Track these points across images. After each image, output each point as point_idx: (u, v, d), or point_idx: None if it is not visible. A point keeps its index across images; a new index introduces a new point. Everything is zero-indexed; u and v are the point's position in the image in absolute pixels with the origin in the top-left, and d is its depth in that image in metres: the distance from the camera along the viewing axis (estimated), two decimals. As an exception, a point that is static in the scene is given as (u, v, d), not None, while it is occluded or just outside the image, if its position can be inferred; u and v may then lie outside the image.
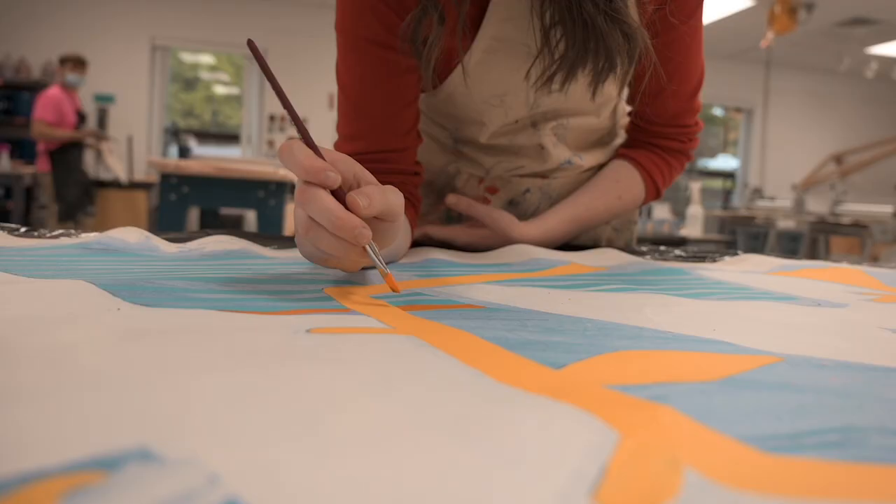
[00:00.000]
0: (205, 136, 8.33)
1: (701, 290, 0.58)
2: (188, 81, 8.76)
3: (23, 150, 6.82)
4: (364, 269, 0.59)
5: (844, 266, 0.82)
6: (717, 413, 0.24)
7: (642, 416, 0.24)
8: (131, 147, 6.64)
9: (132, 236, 0.65)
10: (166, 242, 0.65)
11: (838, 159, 9.56)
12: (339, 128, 0.80)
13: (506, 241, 0.79)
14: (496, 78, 0.79)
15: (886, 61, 8.33)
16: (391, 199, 0.50)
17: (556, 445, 0.21)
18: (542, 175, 0.92)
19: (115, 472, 0.17)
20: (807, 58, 8.78)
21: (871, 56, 8.20)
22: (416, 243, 0.80)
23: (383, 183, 0.53)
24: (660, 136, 0.91)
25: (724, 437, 0.22)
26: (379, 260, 0.46)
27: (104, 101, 7.21)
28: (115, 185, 5.78)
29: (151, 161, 3.76)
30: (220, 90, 8.95)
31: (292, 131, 7.75)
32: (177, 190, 3.56)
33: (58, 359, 0.26)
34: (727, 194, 9.22)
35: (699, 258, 0.86)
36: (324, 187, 0.45)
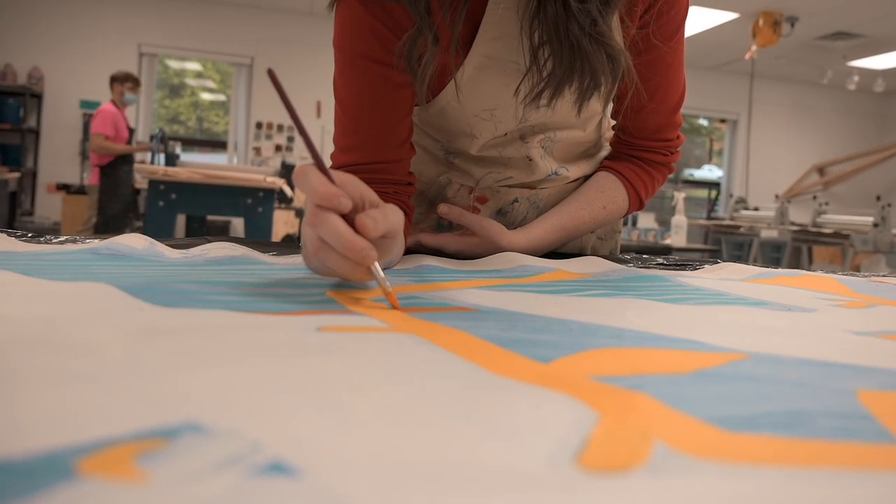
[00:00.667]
0: (190, 143, 8.31)
1: (680, 296, 0.62)
2: (173, 88, 8.73)
3: (7, 155, 6.80)
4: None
5: (818, 274, 0.86)
6: (686, 399, 0.28)
7: (620, 401, 0.27)
8: (118, 154, 6.63)
9: (138, 242, 0.68)
10: (169, 248, 0.68)
11: (821, 170, 9.69)
12: (337, 139, 0.83)
13: (494, 248, 0.83)
14: (487, 93, 0.82)
15: (868, 74, 8.47)
16: (393, 219, 0.54)
17: (544, 422, 0.24)
18: (530, 186, 0.95)
19: (175, 439, 0.20)
20: (790, 70, 8.91)
21: (852, 69, 8.33)
22: (410, 250, 0.84)
23: (378, 192, 0.57)
24: (643, 150, 0.95)
25: (689, 418, 0.25)
26: (383, 279, 0.49)
27: (90, 107, 7.19)
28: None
29: (140, 168, 3.77)
30: (206, 97, 8.94)
31: (278, 139, 7.76)
32: (165, 197, 3.57)
33: (100, 350, 0.29)
34: (712, 204, 9.32)
35: (680, 266, 0.90)
36: (336, 212, 0.48)
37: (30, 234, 0.75)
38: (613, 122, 0.97)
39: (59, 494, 0.16)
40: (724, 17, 6.85)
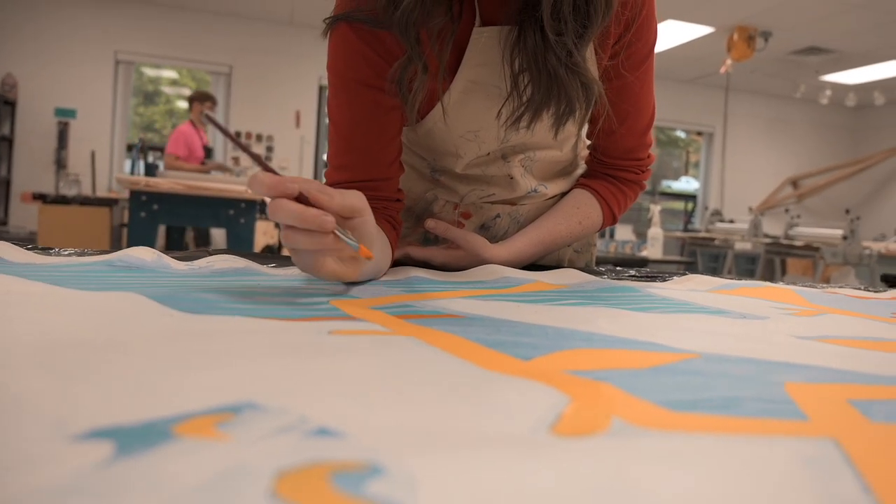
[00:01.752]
0: (161, 151, 8.25)
1: (647, 305, 0.68)
2: (148, 95, 8.68)
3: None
4: (355, 283, 0.68)
5: (777, 286, 0.92)
6: (641, 388, 0.34)
7: (587, 389, 0.33)
8: (94, 162, 6.61)
9: (147, 255, 0.73)
10: (175, 261, 0.74)
11: (795, 183, 9.88)
12: (330, 158, 0.89)
13: (478, 261, 0.89)
14: (471, 116, 0.89)
15: (840, 88, 8.67)
16: (350, 196, 0.60)
17: (526, 404, 0.30)
18: (511, 202, 1.02)
19: (239, 414, 0.26)
20: (764, 84, 9.10)
21: (825, 83, 8.53)
22: (399, 262, 0.89)
23: (371, 208, 0.63)
24: (615, 168, 1.02)
25: (642, 401, 0.31)
26: (349, 238, 0.56)
27: (65, 115, 7.16)
28: (79, 201, 5.74)
29: (122, 179, 3.78)
30: (182, 105, 8.91)
31: (257, 148, 7.75)
32: (147, 207, 3.59)
33: (155, 347, 0.35)
34: (688, 216, 9.46)
35: (650, 278, 0.96)
36: (286, 197, 0.54)
37: (38, 247, 0.80)
38: (589, 143, 1.04)
39: (166, 448, 0.22)
40: (700, 31, 7.00)
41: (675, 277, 0.97)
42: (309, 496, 0.19)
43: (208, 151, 5.81)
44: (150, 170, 4.88)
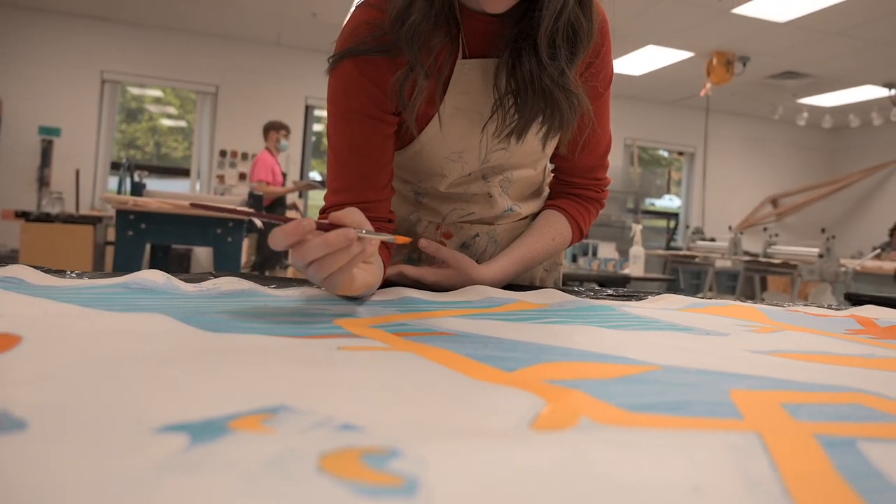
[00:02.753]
0: (149, 170, 8.25)
1: (620, 323, 0.74)
2: (130, 112, 8.67)
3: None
4: (356, 298, 0.74)
5: (742, 304, 0.99)
6: (607, 394, 0.40)
7: (561, 394, 0.39)
8: (78, 181, 6.62)
9: (158, 278, 0.78)
10: (184, 283, 0.79)
11: (774, 201, 10.05)
12: (329, 182, 0.98)
13: (466, 279, 0.96)
14: (456, 138, 0.98)
15: (816, 111, 8.86)
16: (354, 213, 0.70)
17: (510, 406, 0.36)
18: (489, 222, 1.12)
19: (278, 414, 0.32)
20: (743, 106, 9.28)
21: (802, 106, 8.71)
22: (391, 283, 0.96)
23: None
24: (579, 188, 1.14)
25: (607, 404, 0.38)
26: (376, 234, 0.64)
27: (49, 133, 7.16)
28: (63, 218, 5.74)
29: (109, 198, 3.81)
30: (165, 122, 8.92)
31: (242, 167, 7.78)
32: (134, 226, 3.62)
33: (195, 361, 0.41)
34: (671, 233, 9.58)
35: (626, 297, 1.03)
36: (305, 235, 0.62)
37: (52, 270, 0.85)
38: (552, 167, 1.16)
39: (228, 438, 0.28)
40: (680, 55, 7.16)
41: (650, 297, 1.04)
42: (348, 471, 0.25)
43: (284, 176, 6.23)
44: (137, 188, 4.90)
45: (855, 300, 1.28)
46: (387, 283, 0.93)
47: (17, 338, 0.42)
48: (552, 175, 1.17)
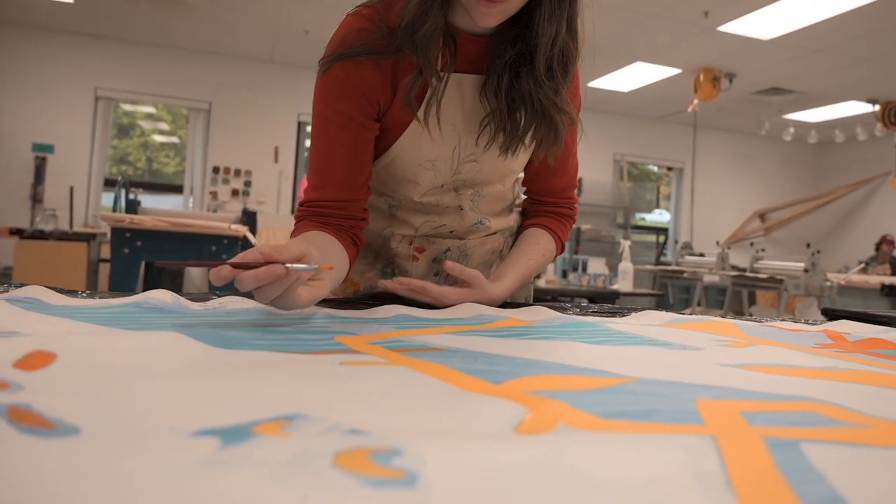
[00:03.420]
0: (142, 186, 8.26)
1: (603, 339, 0.79)
2: (122, 128, 8.68)
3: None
4: (354, 320, 0.79)
5: (720, 320, 1.04)
6: (583, 403, 0.45)
7: (542, 404, 0.44)
8: (72, 198, 6.65)
9: (166, 297, 0.83)
10: (191, 302, 0.84)
11: (762, 216, 10.17)
12: (310, 178, 1.05)
13: (483, 296, 1.03)
14: (430, 147, 1.05)
15: (802, 126, 8.99)
16: (294, 245, 0.75)
17: (496, 414, 0.41)
18: (460, 236, 1.19)
19: (293, 421, 0.36)
20: (730, 121, 9.41)
21: (788, 121, 8.84)
22: (392, 298, 1.00)
23: (336, 225, 0.92)
24: (554, 206, 1.24)
25: (583, 412, 0.42)
26: (301, 266, 0.71)
27: (43, 150, 7.19)
28: (57, 236, 5.76)
29: (106, 216, 3.85)
30: (158, 138, 8.94)
31: (235, 183, 7.83)
32: (130, 244, 3.65)
33: (209, 375, 0.45)
34: (661, 248, 9.67)
35: (611, 313, 1.08)
36: (231, 274, 0.67)
37: (64, 290, 0.90)
38: (524, 189, 1.27)
39: (253, 441, 0.32)
40: (668, 72, 7.27)
41: (633, 313, 1.09)
42: (358, 466, 0.29)
43: None
44: (132, 206, 4.93)
45: (831, 315, 1.33)
46: (387, 302, 0.98)
47: (53, 355, 0.47)
48: (526, 197, 1.27)
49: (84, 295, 0.88)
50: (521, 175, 1.23)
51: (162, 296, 0.83)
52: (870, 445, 0.39)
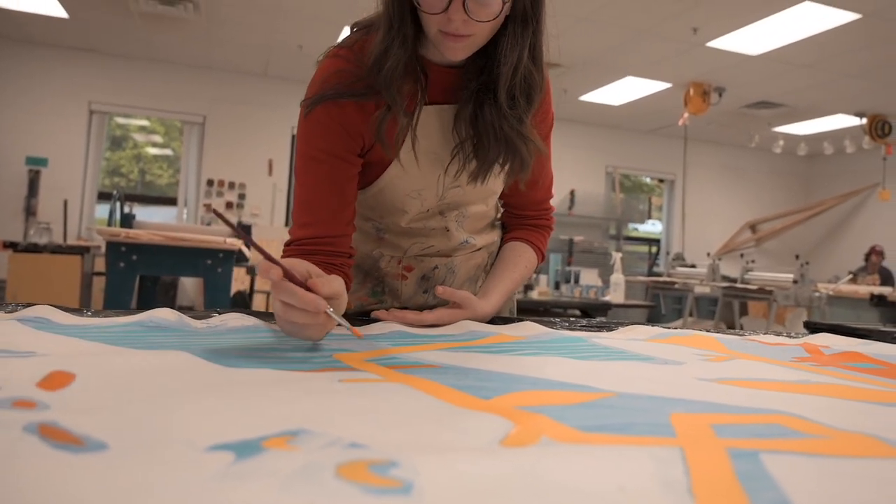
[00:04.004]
0: (134, 199, 8.28)
1: (589, 354, 0.83)
2: (115, 140, 8.68)
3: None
4: (348, 337, 0.82)
5: (702, 334, 1.08)
6: (565, 417, 0.49)
7: (528, 418, 0.48)
8: (66, 211, 6.67)
9: (170, 316, 0.86)
10: (193, 320, 0.87)
11: (753, 227, 10.25)
12: (296, 217, 1.07)
13: (474, 314, 1.06)
14: (417, 177, 1.09)
15: (791, 139, 9.08)
16: (336, 285, 0.78)
17: (484, 428, 0.44)
18: (447, 254, 1.23)
19: (298, 436, 0.40)
20: (721, 134, 9.49)
21: (777, 134, 8.93)
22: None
23: (325, 263, 0.87)
24: (532, 218, 1.28)
25: (564, 426, 0.46)
26: (340, 318, 0.71)
27: (36, 163, 7.21)
28: (50, 249, 5.78)
29: (102, 230, 3.87)
30: (151, 150, 8.95)
31: (229, 196, 7.85)
32: (126, 258, 3.67)
33: (219, 392, 0.49)
34: (653, 259, 9.73)
35: (598, 328, 1.12)
36: (277, 279, 0.71)
37: (71, 309, 0.93)
38: (502, 204, 1.30)
39: (264, 455, 0.36)
40: (658, 86, 7.35)
41: (620, 328, 1.13)
42: (358, 476, 0.33)
43: None
44: (127, 219, 4.95)
45: (812, 328, 1.37)
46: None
47: (72, 375, 0.50)
48: (504, 211, 1.31)
49: (89, 313, 0.91)
50: None
51: (165, 314, 0.86)
52: (825, 455, 0.43)
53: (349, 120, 1.01)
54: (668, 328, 1.15)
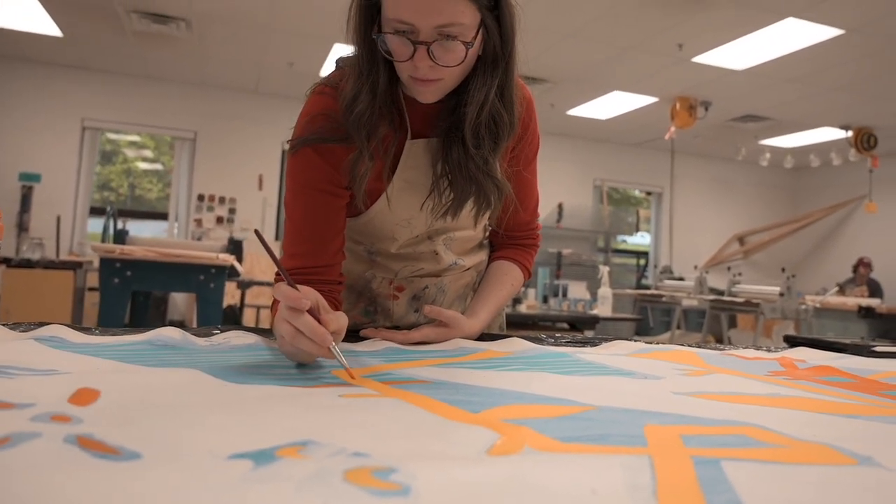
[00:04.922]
0: (126, 214, 8.26)
1: (573, 369, 0.88)
2: (105, 154, 8.67)
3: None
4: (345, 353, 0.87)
5: (683, 349, 1.13)
6: (547, 429, 0.53)
7: (513, 430, 0.52)
8: (59, 227, 6.68)
9: (175, 334, 0.91)
10: (197, 338, 0.92)
11: (741, 239, 10.34)
12: (286, 247, 1.11)
13: (461, 333, 1.10)
14: (405, 207, 1.13)
15: (778, 152, 9.19)
16: (342, 321, 0.84)
17: (473, 440, 0.49)
18: (436, 275, 1.27)
19: (307, 446, 0.44)
20: (708, 147, 9.60)
21: (764, 147, 9.04)
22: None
23: (317, 289, 0.88)
24: (519, 238, 1.33)
25: (545, 437, 0.51)
26: (341, 357, 0.76)
27: (29, 179, 7.23)
28: (43, 264, 5.79)
29: (97, 247, 3.90)
30: (142, 165, 8.95)
31: (220, 210, 7.89)
32: (120, 274, 3.69)
33: (230, 407, 0.53)
34: (641, 272, 9.79)
35: (583, 343, 1.17)
36: (300, 310, 0.76)
37: (80, 327, 0.97)
38: (489, 223, 1.33)
39: (278, 463, 0.40)
40: (645, 100, 7.44)
41: (603, 343, 1.18)
42: (363, 481, 0.38)
43: None
44: (120, 235, 4.96)
45: (792, 342, 1.42)
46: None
47: (97, 392, 0.55)
48: (491, 230, 1.35)
49: (97, 332, 0.95)
50: None
51: (170, 333, 0.91)
52: (780, 462, 0.48)
53: (336, 156, 1.04)
54: (651, 343, 1.20)
